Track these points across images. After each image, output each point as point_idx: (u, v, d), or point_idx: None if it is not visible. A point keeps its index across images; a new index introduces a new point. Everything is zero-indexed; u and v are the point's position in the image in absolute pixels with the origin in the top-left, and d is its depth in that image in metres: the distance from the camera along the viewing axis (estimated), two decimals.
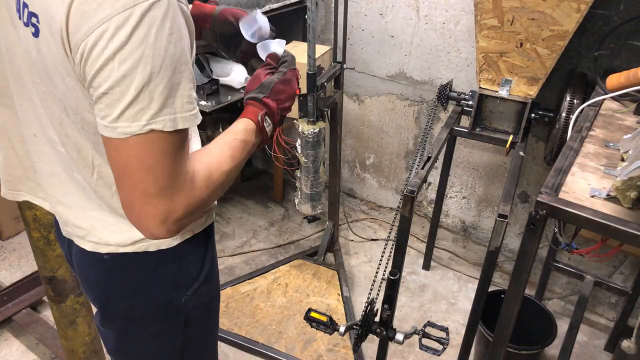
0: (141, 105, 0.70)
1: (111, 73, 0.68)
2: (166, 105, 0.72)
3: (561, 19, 1.61)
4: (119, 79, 0.68)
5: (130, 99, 0.69)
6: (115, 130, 0.71)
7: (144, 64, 0.68)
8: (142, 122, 0.71)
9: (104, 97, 0.70)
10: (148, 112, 0.70)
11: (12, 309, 2.07)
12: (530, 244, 1.13)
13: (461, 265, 2.50)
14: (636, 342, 1.29)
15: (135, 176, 0.73)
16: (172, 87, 0.72)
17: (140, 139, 0.71)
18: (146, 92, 0.70)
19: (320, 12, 2.49)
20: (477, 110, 1.92)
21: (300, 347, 2.00)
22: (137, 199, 0.75)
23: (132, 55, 0.68)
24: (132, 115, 0.70)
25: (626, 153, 1.20)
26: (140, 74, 0.68)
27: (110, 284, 0.95)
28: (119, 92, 0.69)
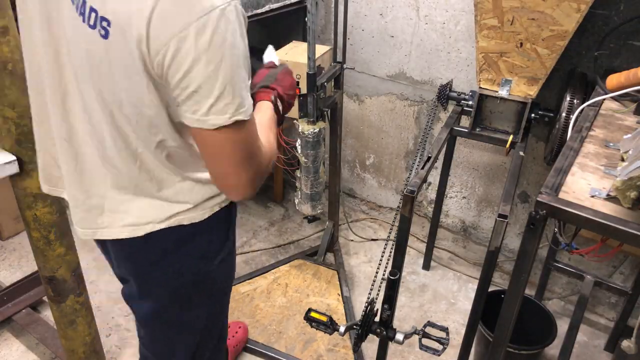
0: (226, 100, 0.82)
1: (198, 73, 0.79)
2: (243, 98, 0.85)
3: (561, 19, 1.61)
4: (205, 79, 0.79)
5: (217, 95, 0.81)
6: (206, 122, 0.83)
7: (225, 64, 0.80)
8: (228, 115, 0.83)
9: (194, 95, 0.81)
10: (232, 106, 0.83)
11: (12, 309, 2.07)
12: (530, 244, 1.13)
13: (461, 265, 2.50)
14: (636, 342, 1.29)
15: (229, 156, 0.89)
16: (243, 82, 0.85)
17: (227, 129, 0.85)
18: (229, 88, 0.82)
19: (320, 12, 2.49)
20: (477, 110, 1.92)
21: (300, 347, 2.00)
22: (233, 173, 0.91)
23: (215, 57, 0.78)
24: (220, 110, 0.83)
25: (626, 153, 1.20)
26: (222, 72, 0.80)
27: (148, 256, 1.06)
28: (206, 90, 0.80)
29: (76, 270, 1.61)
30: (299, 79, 1.91)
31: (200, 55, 0.77)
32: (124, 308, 2.19)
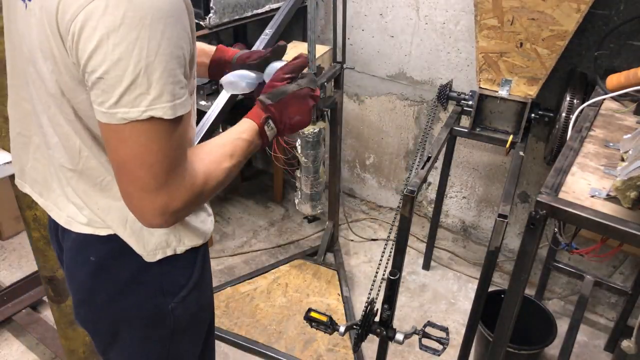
0: (140, 90, 0.67)
1: (106, 55, 0.65)
2: (165, 91, 0.69)
3: (561, 19, 1.61)
4: (114, 62, 0.65)
5: (128, 83, 0.67)
6: (114, 116, 0.68)
7: (139, 47, 0.65)
8: (142, 108, 0.68)
9: (100, 82, 0.67)
10: (147, 97, 0.68)
11: (12, 309, 2.07)
12: (530, 244, 1.13)
13: (461, 265, 2.50)
14: (636, 342, 1.29)
15: (136, 172, 0.72)
16: (169, 73, 0.69)
17: (140, 126, 0.69)
18: (144, 76, 0.67)
19: (320, 12, 2.49)
20: (477, 110, 1.92)
21: (300, 347, 2.00)
22: (136, 193, 0.74)
23: (127, 37, 0.65)
24: (131, 101, 0.68)
25: (626, 153, 1.20)
26: (136, 57, 0.66)
27: (95, 286, 0.93)
28: (115, 77, 0.66)
29: None
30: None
31: (109, 33, 0.64)
32: None
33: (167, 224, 0.78)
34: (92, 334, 1.03)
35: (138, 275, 0.92)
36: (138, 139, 0.70)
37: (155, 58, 0.67)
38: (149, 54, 0.66)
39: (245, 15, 2.11)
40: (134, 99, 0.68)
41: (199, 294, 1.00)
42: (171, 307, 0.95)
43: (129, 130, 0.69)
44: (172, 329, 0.98)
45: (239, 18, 2.09)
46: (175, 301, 0.95)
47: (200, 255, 0.98)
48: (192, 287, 0.97)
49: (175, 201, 0.75)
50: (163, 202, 0.74)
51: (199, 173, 0.79)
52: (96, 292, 0.94)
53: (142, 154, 0.71)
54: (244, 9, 2.08)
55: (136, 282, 0.92)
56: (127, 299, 0.93)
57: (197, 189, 0.78)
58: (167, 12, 0.67)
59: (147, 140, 0.70)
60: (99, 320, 0.98)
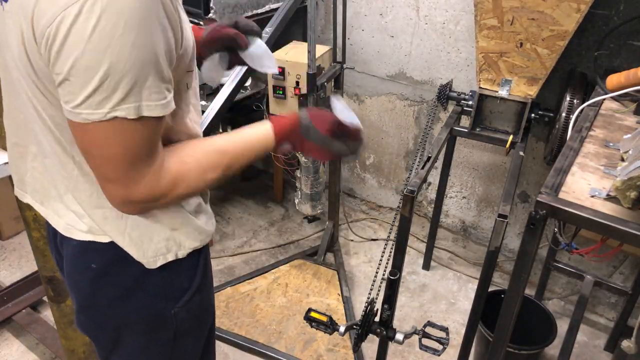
0: (105, 94, 0.68)
1: (75, 61, 0.66)
2: (131, 94, 0.69)
3: (561, 19, 1.61)
4: (82, 69, 0.66)
5: (93, 87, 0.67)
6: (78, 115, 0.70)
7: (110, 54, 0.65)
8: (105, 110, 0.69)
9: (66, 83, 0.68)
10: (112, 100, 0.69)
11: (12, 309, 2.07)
12: (530, 244, 1.13)
13: (461, 265, 2.50)
14: (636, 342, 1.29)
15: (96, 161, 0.75)
16: (138, 79, 0.69)
17: (102, 125, 0.70)
18: (111, 82, 0.67)
19: (320, 12, 2.49)
20: (477, 110, 1.92)
21: (300, 347, 2.00)
22: (99, 180, 0.78)
23: (97, 47, 0.65)
24: (95, 104, 0.68)
25: (626, 153, 1.20)
26: (104, 66, 0.66)
27: (97, 292, 0.93)
28: (82, 82, 0.67)
29: None
30: (298, 79, 1.91)
31: (78, 41, 0.64)
32: None
33: (133, 212, 0.82)
34: (94, 340, 1.02)
35: (140, 281, 0.91)
36: (100, 135, 0.72)
37: (125, 66, 0.67)
38: (118, 61, 0.66)
39: (245, 15, 2.11)
40: (98, 103, 0.68)
41: (201, 296, 0.99)
42: (174, 312, 0.95)
43: (92, 128, 0.71)
44: (174, 333, 0.97)
45: None
46: (178, 305, 0.95)
47: (202, 257, 0.98)
48: (194, 290, 0.97)
49: (136, 193, 0.77)
50: (122, 193, 0.77)
51: (169, 174, 0.79)
52: (98, 298, 0.93)
53: (103, 147, 0.73)
54: (244, 9, 2.08)
55: (138, 287, 0.92)
56: (129, 304, 0.93)
57: (160, 188, 0.79)
58: (140, 20, 0.66)
59: (110, 137, 0.72)
60: (101, 327, 0.97)
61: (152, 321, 0.95)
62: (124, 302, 0.93)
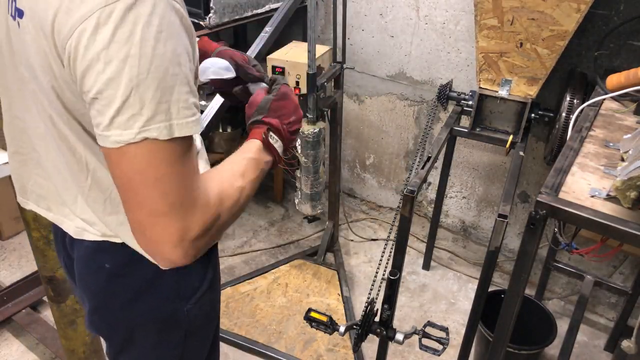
0: (132, 111, 0.65)
1: (98, 76, 0.64)
2: (159, 110, 0.66)
3: (561, 19, 1.61)
4: (105, 82, 0.64)
5: (119, 104, 0.64)
6: (108, 138, 0.66)
7: (130, 65, 0.63)
8: (135, 130, 0.65)
9: (95, 103, 0.66)
10: (140, 118, 0.65)
11: (12, 309, 2.07)
12: (530, 244, 1.13)
13: (461, 265, 2.50)
14: (636, 342, 1.29)
15: (141, 193, 0.68)
16: (164, 91, 0.66)
17: (136, 148, 0.66)
18: (135, 96, 0.64)
19: (320, 12, 2.49)
20: (477, 110, 1.92)
21: (301, 347, 2.00)
22: (146, 219, 0.68)
23: (117, 55, 0.63)
24: (124, 122, 0.65)
25: (626, 153, 1.20)
26: (126, 76, 0.63)
27: (110, 293, 0.92)
28: (107, 97, 0.64)
29: None
30: (298, 79, 1.91)
31: (99, 52, 0.63)
32: None
33: (186, 257, 0.72)
34: (105, 339, 1.01)
35: (154, 280, 0.90)
36: (136, 160, 0.67)
37: (148, 75, 0.64)
38: (140, 71, 0.64)
39: (245, 15, 2.11)
40: (127, 121, 0.65)
41: (212, 293, 0.99)
42: (186, 310, 0.94)
43: (128, 153, 0.66)
44: (185, 332, 0.97)
45: (239, 18, 2.09)
46: (191, 303, 0.94)
47: (212, 254, 0.98)
48: (206, 288, 0.96)
49: (193, 224, 0.70)
50: (179, 227, 0.69)
51: (212, 192, 0.75)
52: (111, 298, 0.92)
53: (146, 176, 0.67)
54: (244, 9, 2.08)
55: (152, 287, 0.90)
56: (143, 304, 0.92)
57: (213, 209, 0.74)
58: (157, 27, 0.65)
59: (149, 163, 0.67)
60: (114, 327, 0.97)
61: (165, 321, 0.94)
62: (137, 302, 0.92)
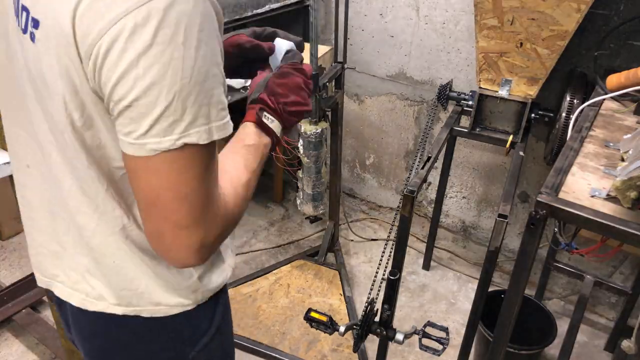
0: (173, 117, 0.60)
1: (136, 81, 0.58)
2: (200, 114, 0.62)
3: (561, 19, 1.61)
4: (145, 88, 0.58)
5: (160, 110, 0.59)
6: (143, 147, 0.61)
7: (173, 68, 0.58)
8: (175, 136, 0.60)
9: (128, 111, 0.60)
10: (181, 124, 0.60)
11: (12, 309, 2.06)
12: (530, 244, 1.13)
13: (461, 265, 2.50)
14: (636, 342, 1.29)
15: (169, 207, 0.63)
16: (206, 94, 0.62)
17: (172, 156, 0.61)
18: (178, 101, 0.59)
19: (320, 12, 2.49)
20: (477, 110, 1.92)
21: (304, 348, 2.00)
22: (169, 231, 0.65)
23: (160, 59, 0.57)
24: (164, 129, 0.60)
25: (626, 153, 1.20)
26: (170, 81, 0.58)
27: (108, 337, 0.84)
28: (146, 104, 0.59)
29: None
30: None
31: (139, 56, 0.57)
32: None
33: (202, 261, 0.69)
34: None
35: (154, 329, 0.83)
36: (170, 170, 0.62)
37: (191, 79, 0.60)
38: (184, 75, 0.59)
39: (245, 15, 2.11)
40: (167, 128, 0.60)
41: (221, 338, 0.91)
42: (192, 357, 0.87)
43: (160, 161, 0.61)
44: None
45: (239, 18, 2.09)
46: (197, 349, 0.86)
47: (221, 294, 0.89)
48: (214, 331, 0.88)
49: (212, 232, 0.67)
50: (200, 237, 0.66)
51: (229, 195, 0.71)
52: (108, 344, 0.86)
53: (176, 185, 0.63)
54: (244, 9, 2.08)
55: (152, 330, 0.83)
56: (143, 349, 0.85)
57: (230, 213, 0.71)
58: (200, 25, 0.60)
59: (181, 170, 0.62)
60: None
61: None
62: (135, 348, 0.85)
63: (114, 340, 0.85)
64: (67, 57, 0.61)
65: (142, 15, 0.56)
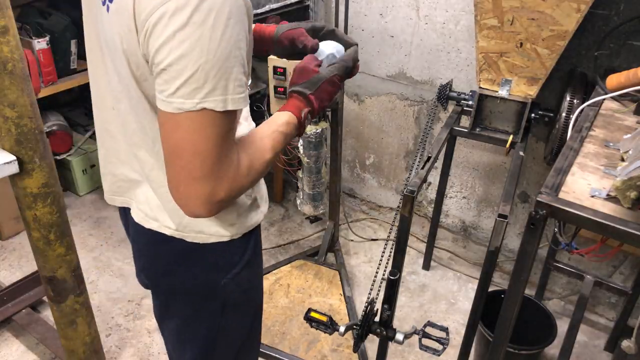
0: (196, 84, 0.74)
1: (171, 51, 0.73)
2: (218, 86, 0.75)
3: (561, 19, 1.61)
4: (177, 58, 0.73)
5: (186, 77, 0.74)
6: (171, 104, 0.76)
7: (201, 46, 0.73)
8: (196, 100, 0.75)
9: (163, 73, 0.75)
10: (202, 91, 0.75)
11: (12, 309, 2.06)
12: (530, 244, 1.13)
13: (461, 265, 2.50)
14: (636, 342, 1.29)
15: (185, 158, 0.77)
16: (225, 70, 0.76)
17: (192, 116, 0.76)
18: (202, 72, 0.74)
19: (320, 12, 2.49)
20: (477, 110, 1.92)
21: (304, 348, 2.00)
22: (184, 180, 0.79)
23: (190, 37, 0.72)
24: (187, 93, 0.74)
25: (626, 153, 1.20)
26: (196, 55, 0.73)
27: (154, 256, 1.02)
28: (176, 70, 0.74)
29: (76, 270, 1.61)
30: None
31: (176, 32, 0.72)
32: (124, 308, 2.19)
33: (210, 214, 0.82)
34: (153, 297, 1.11)
35: (193, 252, 0.98)
36: (190, 127, 0.76)
37: (214, 56, 0.74)
38: (208, 52, 0.73)
39: None
40: (190, 92, 0.74)
41: (250, 271, 1.05)
42: (224, 283, 1.01)
43: (183, 118, 0.76)
44: (222, 304, 1.04)
45: None
46: (228, 277, 1.01)
47: (253, 236, 1.04)
48: (244, 264, 1.03)
49: (221, 190, 0.80)
50: (208, 191, 0.79)
51: (243, 164, 0.84)
52: (155, 261, 1.02)
53: (193, 141, 0.77)
54: None
55: (191, 257, 0.99)
56: (184, 271, 1.00)
57: (240, 179, 0.83)
58: (228, 14, 0.74)
59: (199, 129, 0.76)
60: (157, 288, 1.07)
61: (203, 289, 1.02)
62: (177, 269, 1.01)
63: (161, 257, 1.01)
64: (127, 27, 0.77)
65: (182, 1, 0.71)
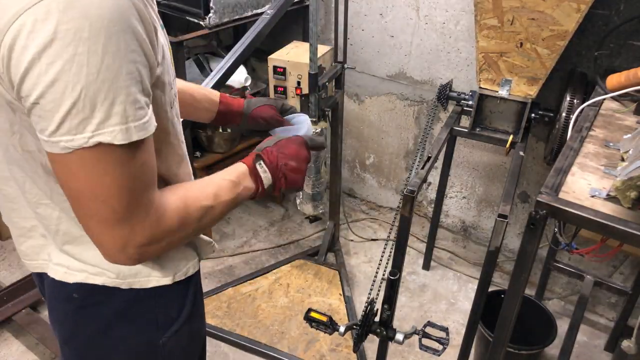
0: (82, 114, 0.59)
1: (39, 78, 0.57)
2: (113, 113, 0.60)
3: (561, 19, 1.61)
4: (48, 84, 0.57)
5: (67, 107, 0.58)
6: (56, 144, 0.60)
7: (78, 64, 0.57)
8: (87, 134, 0.60)
9: (36, 108, 0.59)
10: (92, 121, 0.59)
11: (12, 309, 2.07)
12: (530, 244, 1.13)
13: (461, 265, 2.50)
14: (636, 342, 1.30)
15: (88, 205, 0.64)
16: (117, 92, 0.60)
17: (86, 154, 0.61)
18: (86, 98, 0.58)
19: (320, 12, 2.49)
20: (477, 110, 1.92)
21: (303, 347, 2.01)
22: (94, 226, 0.66)
23: (61, 54, 0.56)
24: (74, 127, 0.59)
25: (626, 153, 1.20)
26: (75, 76, 0.57)
27: (79, 324, 0.85)
28: (52, 100, 0.58)
29: None
30: (300, 79, 1.91)
31: (40, 52, 0.56)
32: None
33: (131, 260, 0.70)
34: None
35: (126, 310, 0.84)
36: (87, 169, 0.62)
37: (99, 76, 0.58)
38: (89, 71, 0.57)
39: (245, 15, 2.11)
40: (77, 125, 0.59)
41: (191, 326, 0.93)
42: (162, 342, 0.88)
43: (76, 158, 0.61)
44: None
45: (239, 18, 2.09)
46: (167, 335, 0.88)
47: (192, 283, 0.91)
48: (184, 319, 0.90)
49: (138, 236, 0.68)
50: (124, 237, 0.67)
51: (170, 207, 0.71)
52: (81, 329, 0.86)
53: (93, 186, 0.62)
54: (244, 8, 2.08)
55: (124, 317, 0.84)
56: (116, 334, 0.85)
57: (166, 224, 0.71)
58: (108, 21, 0.58)
59: (98, 169, 0.62)
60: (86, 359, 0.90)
61: (139, 353, 0.89)
62: (109, 333, 0.85)
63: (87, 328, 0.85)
64: None
65: (42, 11, 0.55)
